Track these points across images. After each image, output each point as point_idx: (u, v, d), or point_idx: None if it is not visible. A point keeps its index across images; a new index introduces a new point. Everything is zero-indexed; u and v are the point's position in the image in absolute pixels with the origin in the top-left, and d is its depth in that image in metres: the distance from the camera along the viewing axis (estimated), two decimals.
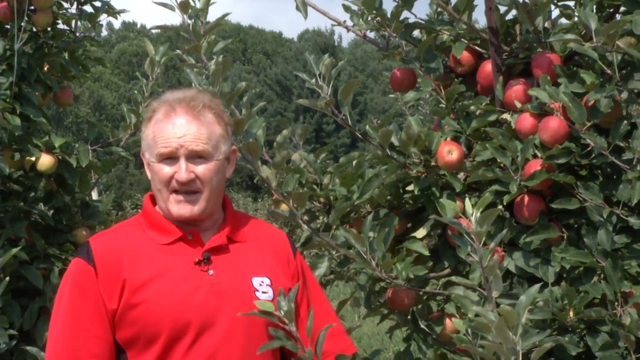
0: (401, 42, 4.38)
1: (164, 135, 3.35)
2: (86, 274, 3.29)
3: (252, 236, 3.55)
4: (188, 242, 3.37)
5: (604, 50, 3.69)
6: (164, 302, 3.27)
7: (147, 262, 3.31)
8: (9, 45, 5.41)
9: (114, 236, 3.46)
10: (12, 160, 5.35)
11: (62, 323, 3.31)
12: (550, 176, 3.76)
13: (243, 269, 3.43)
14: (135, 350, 3.28)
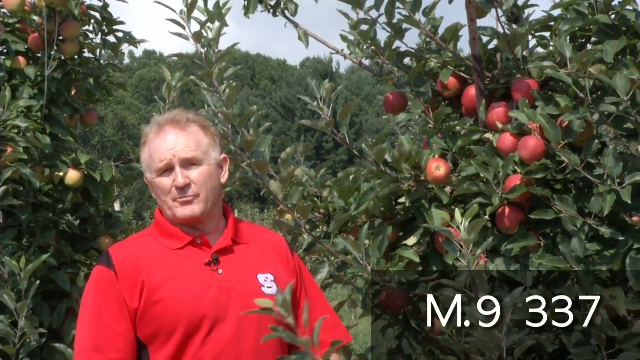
0: (393, 69, 4.38)
1: (158, 151, 3.41)
2: (108, 278, 3.31)
3: (253, 238, 3.57)
4: (197, 246, 3.40)
5: (577, 76, 3.69)
6: (181, 300, 3.29)
7: (162, 265, 3.34)
8: (40, 72, 5.40)
9: (130, 245, 3.49)
10: (42, 175, 5.34)
11: (88, 323, 3.32)
12: (528, 190, 3.76)
13: (249, 267, 3.46)
14: (156, 344, 3.29)
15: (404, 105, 4.42)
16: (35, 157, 5.27)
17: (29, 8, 5.42)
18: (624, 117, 3.70)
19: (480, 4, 4.05)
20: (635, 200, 3.63)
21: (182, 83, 5.85)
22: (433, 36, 4.22)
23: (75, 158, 5.47)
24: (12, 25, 5.51)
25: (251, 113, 4.04)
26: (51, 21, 5.36)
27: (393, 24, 4.26)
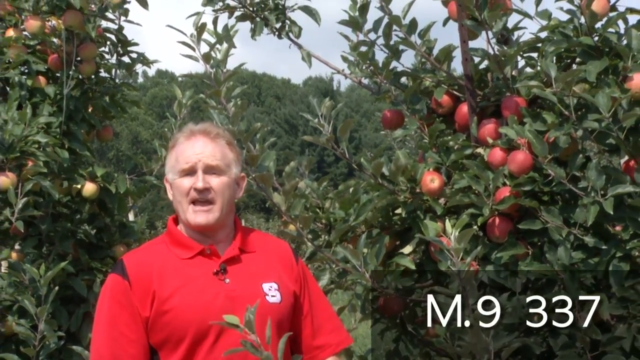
0: (391, 88, 4.38)
1: (186, 154, 3.39)
2: (122, 287, 3.30)
3: (260, 247, 3.55)
4: (206, 255, 3.39)
5: (562, 94, 3.69)
6: (189, 309, 3.28)
7: (172, 274, 3.33)
8: (58, 91, 5.41)
9: (143, 254, 3.47)
10: (61, 188, 5.34)
11: (103, 330, 3.32)
12: (517, 201, 3.76)
13: (254, 276, 3.44)
14: (166, 351, 3.29)
15: (401, 121, 4.42)
16: (55, 171, 5.27)
17: (48, 30, 5.43)
18: (606, 132, 3.71)
19: (471, 26, 4.05)
20: (617, 211, 3.63)
21: (192, 101, 5.86)
22: (428, 57, 4.22)
23: (92, 171, 5.47)
24: (33, 46, 5.52)
25: (255, 129, 4.05)
26: (69, 43, 5.37)
27: (390, 46, 4.26)
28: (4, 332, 5.12)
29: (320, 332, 3.53)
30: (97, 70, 5.69)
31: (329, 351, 3.54)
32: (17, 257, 5.24)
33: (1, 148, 4.98)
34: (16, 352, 4.99)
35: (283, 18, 4.66)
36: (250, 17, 4.66)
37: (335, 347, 3.55)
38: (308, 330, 3.52)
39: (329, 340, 3.51)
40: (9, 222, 5.06)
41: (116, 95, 5.85)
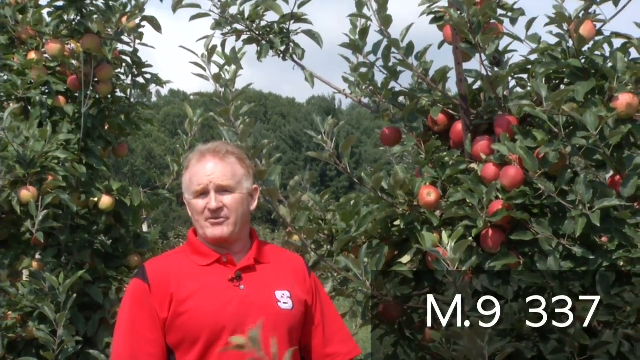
0: (389, 106, 4.38)
1: (197, 176, 3.42)
2: (142, 290, 3.34)
3: (274, 259, 3.56)
4: (223, 263, 3.42)
5: (552, 113, 3.69)
6: (204, 312, 3.30)
7: (190, 279, 3.37)
8: (77, 109, 5.41)
9: (164, 261, 3.51)
10: (79, 200, 5.34)
11: (123, 330, 3.35)
12: (509, 214, 3.75)
13: (267, 284, 3.45)
14: (182, 351, 3.32)
15: (399, 138, 4.42)
16: (73, 185, 5.26)
17: (68, 53, 5.43)
18: (593, 149, 3.70)
19: (465, 49, 4.05)
20: (604, 223, 3.63)
21: (202, 119, 5.87)
22: (424, 78, 4.21)
23: (108, 185, 5.47)
24: (53, 68, 5.52)
25: (263, 146, 4.05)
26: (87, 64, 5.37)
27: (389, 67, 4.25)
28: (25, 337, 5.11)
29: (331, 341, 3.54)
30: (113, 90, 5.70)
31: (339, 359, 3.56)
32: (37, 266, 5.23)
33: (23, 163, 4.98)
34: (36, 356, 4.99)
35: (287, 41, 4.66)
36: (256, 40, 4.66)
37: (345, 356, 3.57)
38: (319, 339, 3.54)
39: (339, 350, 3.54)
40: (30, 233, 5.06)
41: (131, 114, 5.85)
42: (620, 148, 3.81)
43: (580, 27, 3.90)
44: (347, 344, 3.58)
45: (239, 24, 4.61)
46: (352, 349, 3.60)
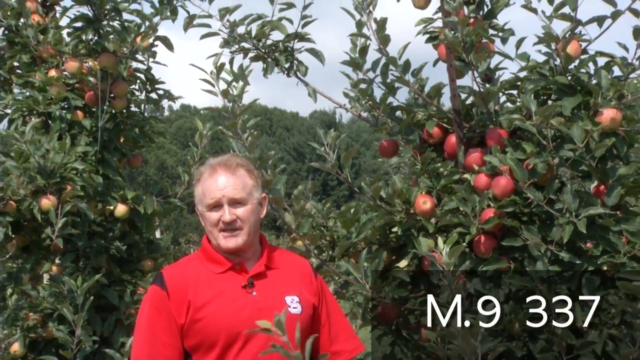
0: (387, 120, 4.38)
1: (210, 190, 3.41)
2: (161, 297, 3.33)
3: (283, 264, 3.56)
4: (236, 270, 3.42)
5: (540, 126, 3.69)
6: (220, 318, 3.31)
7: (206, 287, 3.37)
8: (94, 123, 5.41)
9: (181, 268, 3.49)
10: (95, 209, 5.34)
11: (142, 334, 3.35)
12: (500, 221, 3.75)
13: (278, 290, 3.46)
14: (199, 354, 3.33)
15: (396, 150, 4.42)
16: (90, 194, 5.26)
17: (85, 71, 5.44)
18: (579, 160, 3.71)
19: (459, 66, 4.05)
20: (589, 230, 3.62)
21: (212, 132, 5.87)
22: (420, 93, 4.21)
23: (123, 194, 5.47)
24: (72, 84, 5.53)
25: (269, 157, 4.05)
26: (104, 81, 5.37)
27: (387, 83, 4.26)
28: (45, 337, 5.11)
29: (337, 339, 3.55)
30: (128, 105, 5.71)
31: (345, 356, 3.57)
32: (57, 270, 5.23)
33: (43, 174, 4.98)
34: (56, 355, 4.98)
35: (291, 59, 4.66)
36: (262, 58, 4.66)
37: (350, 352, 3.58)
38: (325, 337, 3.54)
39: (345, 347, 3.55)
40: (49, 239, 5.06)
41: (145, 127, 5.86)
42: (605, 160, 3.81)
43: (567, 46, 3.90)
44: (352, 341, 3.59)
45: (246, 43, 4.62)
46: (357, 346, 3.61)
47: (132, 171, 5.92)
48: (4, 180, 4.97)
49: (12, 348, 5.09)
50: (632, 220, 3.77)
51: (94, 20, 5.49)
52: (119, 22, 5.56)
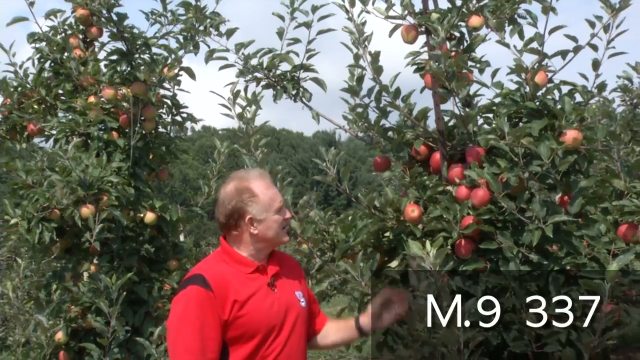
0: (380, 139, 4.38)
1: (275, 195, 3.45)
2: (207, 297, 3.27)
3: (283, 262, 3.58)
4: (260, 271, 3.42)
5: (512, 145, 3.68)
6: (259, 313, 3.33)
7: (243, 286, 3.36)
8: (127, 142, 5.42)
9: (216, 269, 3.41)
10: (128, 216, 5.35)
11: (191, 331, 3.27)
12: (478, 227, 3.75)
13: (290, 286, 3.50)
14: (238, 344, 3.33)
15: (388, 165, 4.41)
16: (123, 203, 5.27)
17: (120, 97, 5.46)
18: (546, 175, 3.71)
19: (442, 93, 4.05)
20: (555, 235, 3.62)
21: (228, 149, 5.88)
22: (409, 116, 4.21)
23: (152, 203, 5.48)
24: (108, 109, 5.55)
25: (277, 171, 4.05)
26: (136, 106, 5.39)
27: (380, 107, 4.26)
28: (85, 327, 5.12)
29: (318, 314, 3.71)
30: (156, 126, 5.73)
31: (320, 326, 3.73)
32: (94, 269, 5.24)
33: (83, 186, 4.99)
34: (94, 342, 4.99)
35: (298, 86, 4.67)
36: (272, 85, 4.67)
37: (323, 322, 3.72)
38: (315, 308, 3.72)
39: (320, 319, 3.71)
40: (88, 243, 5.07)
41: (171, 146, 5.87)
42: (568, 174, 3.81)
43: (535, 76, 3.91)
44: (321, 314, 3.75)
45: (258, 73, 4.62)
46: (324, 318, 3.76)
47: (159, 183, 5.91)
48: (50, 192, 4.98)
49: (56, 336, 5.10)
50: (592, 226, 3.78)
51: (127, 53, 5.51)
52: (148, 55, 5.58)
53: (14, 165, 5.07)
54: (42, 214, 4.98)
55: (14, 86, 5.73)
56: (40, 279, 6.07)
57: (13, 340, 7.02)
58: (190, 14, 5.43)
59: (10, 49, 5.65)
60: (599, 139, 3.78)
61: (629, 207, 3.72)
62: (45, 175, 5.06)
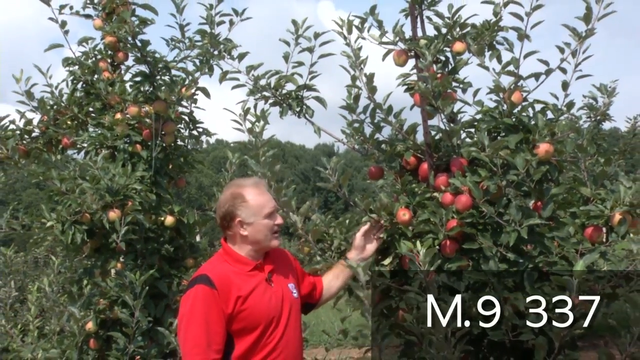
0: (375, 151, 4.39)
1: (266, 202, 3.52)
2: (212, 295, 3.31)
3: (276, 258, 3.63)
4: (258, 268, 3.46)
5: (492, 157, 3.69)
6: (260, 307, 3.37)
7: (244, 282, 3.40)
8: (149, 154, 5.43)
9: (219, 269, 3.45)
10: (150, 219, 5.36)
11: (199, 326, 3.30)
12: (462, 229, 3.75)
13: (283, 280, 3.55)
14: (241, 335, 3.38)
15: (382, 174, 4.42)
16: (146, 208, 5.28)
17: (143, 114, 5.47)
18: (521, 183, 3.72)
19: (429, 110, 4.06)
20: (530, 236, 3.63)
21: (239, 160, 5.89)
22: (400, 130, 4.22)
23: (171, 208, 5.49)
24: (132, 124, 5.56)
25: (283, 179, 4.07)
26: (157, 122, 5.41)
27: (374, 123, 4.26)
28: (112, 317, 5.12)
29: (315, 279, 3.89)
30: (175, 140, 5.73)
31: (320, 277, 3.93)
32: (121, 266, 5.24)
33: (110, 193, 5.00)
34: (120, 331, 4.99)
35: (301, 104, 4.67)
36: (279, 103, 4.68)
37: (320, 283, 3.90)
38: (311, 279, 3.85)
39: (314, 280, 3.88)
40: (115, 243, 5.07)
41: (188, 157, 5.88)
42: (541, 182, 3.81)
43: (511, 96, 3.91)
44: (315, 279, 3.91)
45: (266, 92, 4.63)
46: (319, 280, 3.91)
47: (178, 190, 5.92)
48: (81, 198, 4.99)
49: (87, 326, 5.11)
50: (562, 228, 3.78)
51: (149, 75, 5.53)
52: (168, 77, 5.60)
53: (49, 174, 5.08)
54: (75, 217, 4.99)
55: (50, 105, 5.75)
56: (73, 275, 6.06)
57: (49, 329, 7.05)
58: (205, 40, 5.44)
59: (47, 72, 5.72)
60: (568, 152, 3.79)
61: (594, 211, 3.73)
62: (77, 183, 5.07)
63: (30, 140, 5.78)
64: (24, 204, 36.46)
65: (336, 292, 4.00)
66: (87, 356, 5.16)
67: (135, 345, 4.89)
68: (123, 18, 5.41)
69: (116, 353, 4.95)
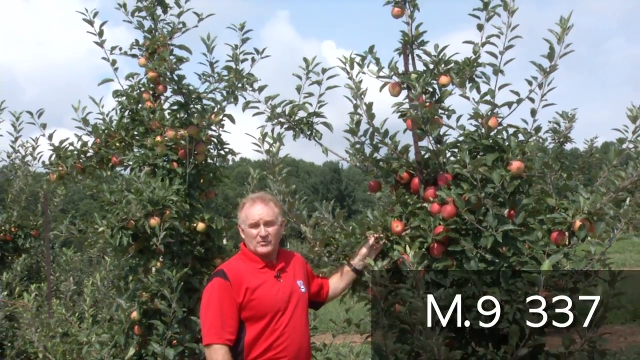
0: (373, 168, 4.38)
1: (251, 214, 3.52)
2: (226, 286, 3.38)
3: (288, 259, 3.66)
4: (269, 267, 3.46)
5: (472, 172, 3.68)
6: (267, 298, 3.39)
7: (254, 277, 3.42)
8: (184, 171, 5.43)
9: (234, 265, 3.54)
10: (185, 225, 5.34)
11: (214, 312, 3.37)
12: (447, 234, 3.73)
13: (292, 277, 3.58)
14: (252, 321, 3.40)
15: (380, 188, 4.41)
16: (181, 216, 5.26)
17: (179, 137, 5.46)
18: (497, 194, 3.71)
19: (419, 134, 4.07)
20: (504, 240, 3.62)
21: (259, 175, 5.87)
22: (395, 151, 4.21)
23: (202, 216, 5.47)
24: (170, 146, 5.55)
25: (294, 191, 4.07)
26: (190, 143, 5.40)
27: (373, 144, 4.27)
28: (153, 308, 5.10)
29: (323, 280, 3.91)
30: (206, 158, 5.72)
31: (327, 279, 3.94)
32: (160, 265, 5.23)
33: (151, 203, 5.00)
34: (159, 320, 4.97)
35: (311, 128, 4.66)
36: (292, 128, 4.66)
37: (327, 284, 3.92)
38: (319, 281, 3.85)
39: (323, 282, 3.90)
40: (155, 245, 5.06)
41: (216, 173, 5.86)
42: (514, 194, 3.80)
43: (488, 121, 3.91)
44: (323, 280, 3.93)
45: (282, 118, 4.63)
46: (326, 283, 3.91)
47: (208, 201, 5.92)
48: (127, 207, 4.99)
49: (132, 315, 5.10)
50: (532, 233, 3.76)
51: (184, 104, 5.53)
52: (200, 105, 5.59)
53: (101, 187, 5.10)
54: (122, 224, 4.99)
55: (102, 129, 5.77)
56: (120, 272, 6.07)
57: (101, 317, 7.09)
58: (231, 74, 5.43)
59: (100, 102, 5.79)
60: (536, 168, 3.78)
61: (559, 218, 3.70)
62: (124, 195, 5.06)
63: (85, 159, 5.80)
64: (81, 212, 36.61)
65: (341, 292, 4.01)
66: (132, 340, 5.15)
67: (172, 332, 4.87)
68: (163, 57, 5.43)
69: (156, 338, 4.93)
